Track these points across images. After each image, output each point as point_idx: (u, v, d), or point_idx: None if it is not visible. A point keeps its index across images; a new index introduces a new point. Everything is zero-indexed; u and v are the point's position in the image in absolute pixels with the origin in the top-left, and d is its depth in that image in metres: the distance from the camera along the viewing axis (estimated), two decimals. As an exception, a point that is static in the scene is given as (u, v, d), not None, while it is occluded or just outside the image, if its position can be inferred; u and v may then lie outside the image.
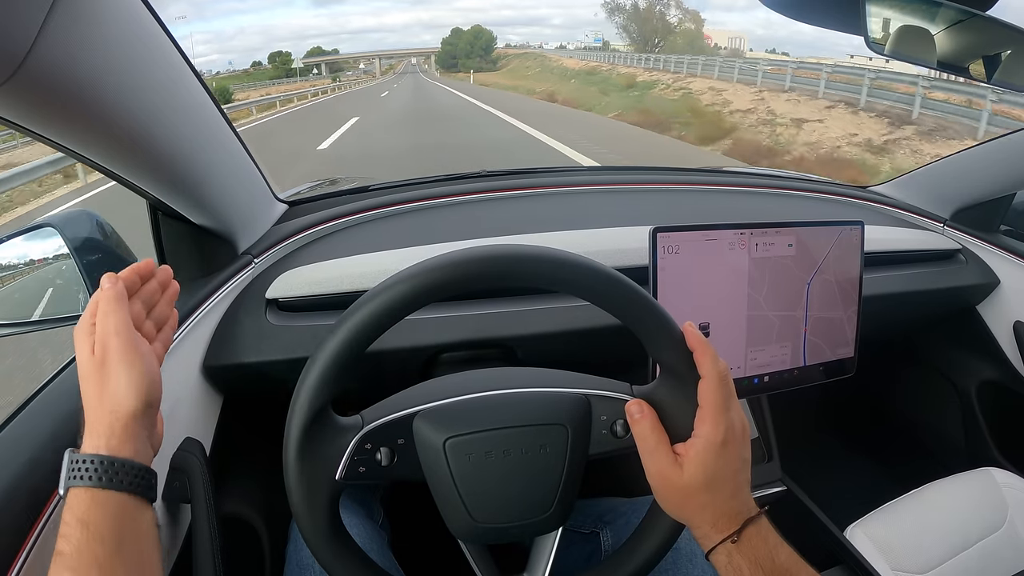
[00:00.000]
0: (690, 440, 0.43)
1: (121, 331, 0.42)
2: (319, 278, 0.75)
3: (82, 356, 0.42)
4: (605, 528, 0.69)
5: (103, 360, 0.41)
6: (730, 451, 0.42)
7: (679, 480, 0.42)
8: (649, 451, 0.44)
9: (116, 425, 0.40)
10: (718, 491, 0.42)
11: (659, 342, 0.44)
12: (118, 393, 0.41)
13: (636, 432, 0.44)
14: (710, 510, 0.42)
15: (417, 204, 0.98)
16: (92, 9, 0.38)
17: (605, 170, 1.38)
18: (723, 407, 0.42)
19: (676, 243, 0.70)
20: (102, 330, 0.42)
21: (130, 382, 0.41)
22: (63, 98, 0.39)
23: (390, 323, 0.40)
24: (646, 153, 8.26)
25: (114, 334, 0.42)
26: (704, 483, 0.41)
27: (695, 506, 0.42)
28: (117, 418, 0.40)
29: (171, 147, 0.54)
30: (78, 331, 0.43)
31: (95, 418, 0.41)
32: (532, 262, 0.42)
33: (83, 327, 0.43)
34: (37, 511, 0.42)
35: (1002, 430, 1.09)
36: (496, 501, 0.46)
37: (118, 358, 0.41)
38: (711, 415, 0.42)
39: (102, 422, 0.40)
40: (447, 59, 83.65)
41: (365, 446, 0.44)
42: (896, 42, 0.58)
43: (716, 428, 0.42)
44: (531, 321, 0.75)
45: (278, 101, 19.93)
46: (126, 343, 0.42)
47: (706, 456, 0.42)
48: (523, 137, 9.01)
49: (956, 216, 1.06)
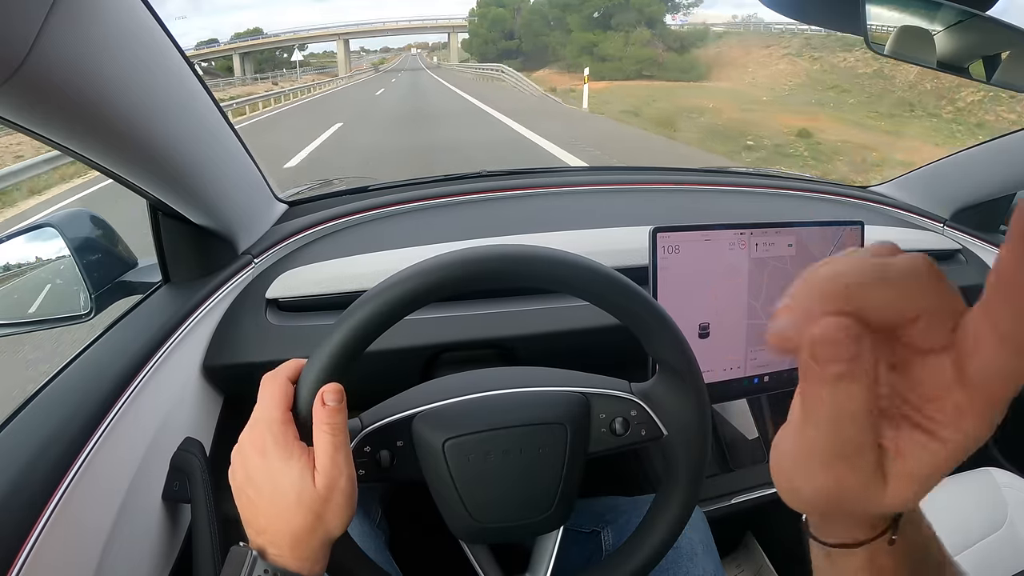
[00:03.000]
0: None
1: (351, 473, 0.39)
2: (319, 278, 0.75)
3: (295, 480, 0.37)
4: (606, 527, 0.69)
5: (328, 498, 0.37)
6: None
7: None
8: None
9: (321, 552, 0.38)
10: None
11: (658, 340, 0.44)
12: (334, 528, 0.38)
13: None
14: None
15: (417, 204, 0.98)
16: (92, 9, 0.38)
17: (604, 170, 1.38)
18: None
19: (676, 243, 0.70)
20: (331, 468, 0.37)
21: (350, 518, 0.39)
22: (63, 98, 0.39)
23: (389, 323, 0.40)
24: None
25: (347, 478, 0.38)
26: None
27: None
28: (324, 545, 0.38)
29: (171, 147, 0.54)
30: (281, 438, 0.38)
31: (302, 540, 0.37)
32: (531, 262, 0.42)
33: (288, 438, 0.38)
34: (37, 511, 0.42)
35: (1002, 430, 1.08)
36: (496, 501, 0.46)
37: (346, 501, 0.38)
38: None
39: (308, 546, 0.37)
40: (493, 37, 44.54)
41: (364, 448, 0.44)
42: (896, 42, 0.58)
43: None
44: (531, 321, 0.75)
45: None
46: (353, 482, 0.39)
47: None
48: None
49: (956, 216, 1.06)
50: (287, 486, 0.37)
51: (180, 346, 0.63)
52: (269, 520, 0.37)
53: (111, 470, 0.50)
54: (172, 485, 0.57)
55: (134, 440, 0.54)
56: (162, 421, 0.58)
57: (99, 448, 0.49)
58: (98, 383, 0.53)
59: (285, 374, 0.40)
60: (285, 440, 0.38)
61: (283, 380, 0.40)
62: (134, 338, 0.59)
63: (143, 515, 0.54)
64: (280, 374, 0.40)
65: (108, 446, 0.50)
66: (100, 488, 0.49)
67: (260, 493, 0.37)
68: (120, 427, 0.52)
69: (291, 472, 0.37)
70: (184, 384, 0.64)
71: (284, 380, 0.40)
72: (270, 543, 0.37)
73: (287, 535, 0.37)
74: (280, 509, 0.37)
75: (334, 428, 0.38)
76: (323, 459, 0.37)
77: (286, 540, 0.37)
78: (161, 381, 0.59)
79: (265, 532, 0.37)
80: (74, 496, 0.45)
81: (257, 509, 0.38)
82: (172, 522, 0.58)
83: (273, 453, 0.37)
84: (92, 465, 0.48)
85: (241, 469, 0.39)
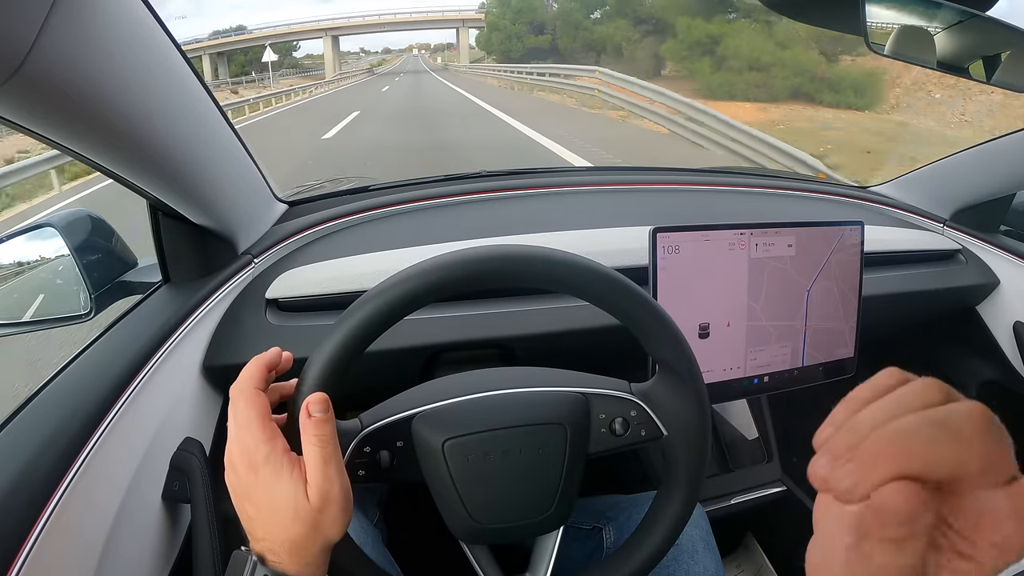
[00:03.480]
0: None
1: (345, 482, 0.38)
2: (319, 278, 0.75)
3: (289, 495, 0.36)
4: (607, 524, 0.69)
5: (323, 509, 0.37)
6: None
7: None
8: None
9: (320, 557, 0.38)
10: None
11: (657, 341, 0.44)
12: (332, 535, 0.38)
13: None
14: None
15: (417, 204, 0.98)
16: (92, 9, 0.38)
17: (604, 170, 1.38)
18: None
19: (676, 243, 0.70)
20: (323, 480, 0.37)
21: (346, 524, 0.39)
22: (63, 98, 0.39)
23: (389, 324, 0.40)
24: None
25: (340, 487, 0.37)
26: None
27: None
28: (323, 551, 0.38)
29: (171, 147, 0.54)
30: (270, 455, 0.37)
31: (300, 547, 0.37)
32: (531, 262, 0.42)
33: (277, 453, 0.37)
34: (37, 511, 0.42)
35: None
36: (496, 502, 0.46)
37: (341, 511, 0.38)
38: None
39: (308, 553, 0.37)
40: (519, 31, 34.33)
41: (364, 449, 0.44)
42: (896, 42, 0.58)
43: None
44: (530, 321, 0.75)
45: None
46: (347, 492, 0.38)
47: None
48: None
49: (956, 216, 1.06)
50: (282, 502, 0.37)
51: (180, 346, 0.63)
52: (267, 530, 0.37)
53: (111, 470, 0.50)
54: (172, 485, 0.57)
55: (134, 440, 0.54)
56: (162, 421, 0.58)
57: (99, 448, 0.49)
58: (98, 383, 0.53)
59: (252, 385, 0.39)
60: (273, 455, 0.37)
61: (251, 393, 0.39)
62: (134, 338, 0.59)
63: (143, 515, 0.54)
64: (246, 387, 0.39)
65: (108, 446, 0.50)
66: (100, 488, 0.49)
67: (257, 507, 0.37)
68: (120, 427, 0.52)
69: (284, 488, 0.37)
70: (184, 384, 0.64)
71: (252, 392, 0.39)
72: (269, 551, 0.37)
73: (285, 543, 0.37)
74: (277, 520, 0.37)
75: (322, 440, 0.37)
76: (314, 473, 0.37)
77: (284, 548, 0.37)
78: (161, 381, 0.59)
79: (263, 540, 0.37)
80: (74, 496, 0.45)
81: (254, 521, 0.38)
82: (172, 522, 0.58)
83: (264, 470, 0.37)
84: (92, 465, 0.48)
85: (236, 483, 0.38)
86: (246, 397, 0.38)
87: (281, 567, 0.37)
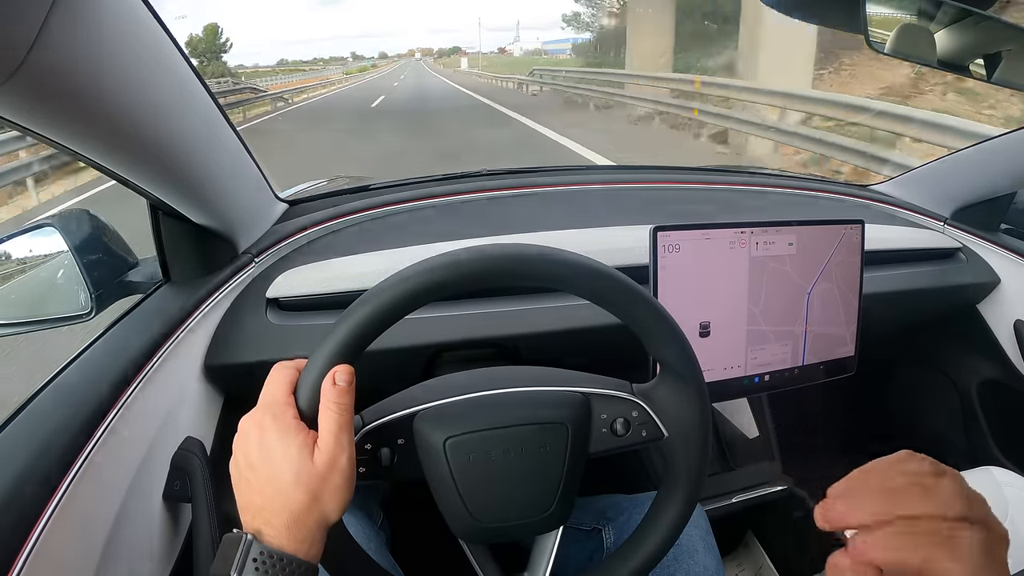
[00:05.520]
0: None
1: (352, 454, 0.39)
2: (320, 277, 0.75)
3: (293, 457, 0.37)
4: (607, 525, 0.69)
5: (327, 476, 0.37)
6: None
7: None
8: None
9: (318, 534, 0.38)
10: None
11: (658, 340, 0.44)
12: (330, 511, 0.38)
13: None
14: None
15: (417, 203, 0.98)
16: (92, 9, 0.38)
17: (605, 169, 1.38)
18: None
19: (676, 242, 0.70)
20: (334, 445, 0.38)
21: (347, 501, 0.39)
22: (63, 98, 0.39)
23: (389, 323, 0.40)
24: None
25: (347, 457, 0.38)
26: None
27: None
28: (320, 527, 0.38)
29: (172, 146, 0.54)
30: (281, 417, 0.38)
31: (299, 520, 0.37)
32: (532, 261, 0.42)
33: (288, 418, 0.38)
34: (37, 512, 0.42)
35: (1003, 429, 1.09)
36: (496, 500, 0.46)
37: (345, 482, 0.38)
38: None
39: (305, 526, 0.37)
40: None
41: (365, 446, 0.44)
42: (897, 41, 0.58)
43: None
44: (531, 320, 0.75)
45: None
46: (353, 463, 0.39)
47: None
48: None
49: (956, 215, 1.06)
50: (285, 464, 0.37)
51: (181, 345, 0.63)
52: (266, 499, 0.37)
53: (112, 470, 0.50)
54: (173, 484, 0.57)
55: (135, 439, 0.54)
56: (163, 420, 0.58)
57: (100, 447, 0.49)
58: (99, 382, 0.53)
59: (295, 365, 0.41)
60: (284, 419, 0.38)
61: (291, 369, 0.41)
62: (135, 337, 0.59)
63: (144, 514, 0.54)
64: (290, 364, 0.42)
65: (109, 446, 0.50)
66: (101, 487, 0.49)
67: (257, 473, 0.38)
68: (121, 426, 0.52)
69: (289, 449, 0.37)
70: (185, 383, 0.64)
71: (292, 370, 0.41)
72: (266, 523, 0.37)
73: (284, 514, 0.37)
74: (278, 487, 0.37)
75: (341, 408, 0.38)
76: (326, 436, 0.38)
77: (282, 519, 0.37)
78: (162, 380, 0.59)
79: (263, 511, 0.37)
80: (75, 496, 0.45)
81: (254, 489, 0.38)
82: (173, 521, 0.58)
83: (272, 430, 0.38)
84: (93, 465, 0.48)
85: (241, 452, 0.39)
86: (286, 370, 0.41)
87: (278, 542, 0.36)
